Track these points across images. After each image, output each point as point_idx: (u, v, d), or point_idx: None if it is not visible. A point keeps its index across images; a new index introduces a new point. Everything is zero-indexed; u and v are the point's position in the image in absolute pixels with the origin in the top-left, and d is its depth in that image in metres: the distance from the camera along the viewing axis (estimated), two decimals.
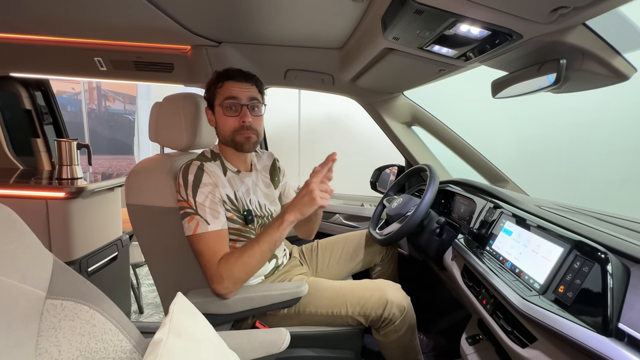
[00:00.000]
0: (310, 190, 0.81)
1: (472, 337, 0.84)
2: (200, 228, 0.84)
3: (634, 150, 1.65)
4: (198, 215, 0.85)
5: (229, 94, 0.92)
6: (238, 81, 0.93)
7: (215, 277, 0.83)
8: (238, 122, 0.93)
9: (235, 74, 0.94)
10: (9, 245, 0.50)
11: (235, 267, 0.83)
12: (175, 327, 0.52)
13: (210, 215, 0.86)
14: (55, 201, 1.28)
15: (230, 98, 0.92)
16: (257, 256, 0.84)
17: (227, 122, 0.93)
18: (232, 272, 0.83)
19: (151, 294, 2.11)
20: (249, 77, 0.96)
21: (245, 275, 0.85)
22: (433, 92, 1.39)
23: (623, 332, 0.44)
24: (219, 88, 0.94)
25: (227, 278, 0.83)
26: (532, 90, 0.77)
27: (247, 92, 0.94)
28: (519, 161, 1.84)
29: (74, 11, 1.03)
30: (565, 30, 0.64)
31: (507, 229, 0.76)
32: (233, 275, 0.83)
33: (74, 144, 1.47)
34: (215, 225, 0.86)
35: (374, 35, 0.85)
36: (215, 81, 0.95)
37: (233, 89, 0.93)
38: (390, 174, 1.56)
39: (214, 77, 0.96)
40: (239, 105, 0.93)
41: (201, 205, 0.86)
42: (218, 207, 0.89)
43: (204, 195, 0.87)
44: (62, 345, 0.51)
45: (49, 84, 1.81)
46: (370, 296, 0.92)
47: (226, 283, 0.83)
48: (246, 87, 0.94)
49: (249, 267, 0.84)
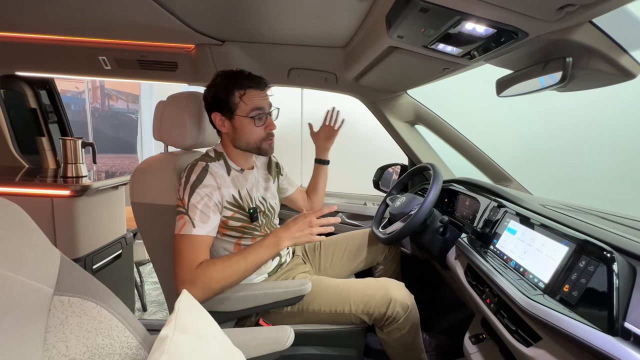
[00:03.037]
0: (311, 227, 0.86)
1: (475, 336, 0.84)
2: (185, 229, 0.83)
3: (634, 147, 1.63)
4: (187, 215, 0.84)
5: (257, 104, 0.93)
6: (259, 89, 0.94)
7: (186, 281, 0.80)
8: (264, 131, 0.96)
9: (254, 81, 0.93)
10: (17, 242, 0.50)
11: (214, 278, 0.80)
12: (181, 323, 0.53)
13: (199, 218, 0.84)
14: (60, 199, 1.29)
15: (259, 109, 0.93)
16: (240, 274, 0.83)
17: (254, 131, 0.95)
18: (208, 282, 0.80)
19: (154, 291, 2.13)
20: (264, 82, 0.96)
21: (220, 289, 0.83)
22: (434, 89, 1.38)
23: (629, 331, 0.44)
24: (242, 97, 0.92)
25: (200, 286, 0.79)
26: (537, 89, 0.77)
27: (267, 100, 0.97)
28: (522, 159, 1.83)
29: (78, 10, 1.04)
30: (572, 28, 0.63)
31: (511, 228, 0.76)
32: (208, 286, 0.80)
33: (78, 142, 1.48)
34: (200, 230, 0.84)
35: (378, 33, 0.85)
36: (231, 88, 0.91)
37: (258, 99, 0.94)
38: (393, 173, 1.55)
39: (224, 81, 0.92)
40: (265, 115, 0.95)
41: (193, 207, 0.85)
42: (210, 212, 0.87)
43: (200, 197, 0.86)
44: (70, 341, 0.51)
45: (54, 82, 1.82)
46: (374, 294, 0.93)
47: (197, 291, 0.78)
48: (265, 95, 0.97)
49: (227, 282, 0.82)
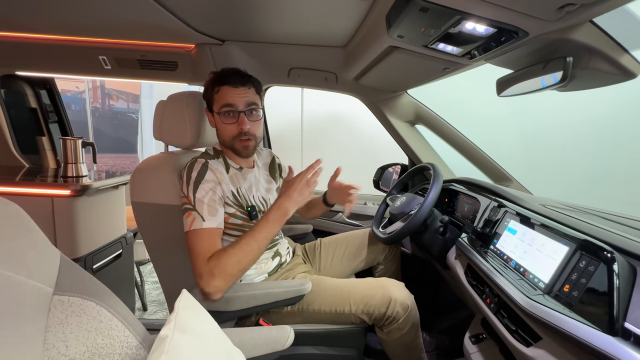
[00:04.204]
0: (309, 185, 0.89)
1: (475, 336, 0.84)
2: (195, 224, 0.84)
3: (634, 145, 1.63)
4: (195, 211, 0.85)
5: (226, 100, 0.90)
6: (234, 86, 0.90)
7: (205, 275, 0.79)
8: (236, 129, 0.92)
9: (231, 77, 0.90)
10: (17, 242, 0.50)
11: (229, 264, 0.80)
12: (181, 323, 0.53)
13: (207, 212, 0.85)
14: (60, 199, 1.29)
15: (227, 105, 0.90)
16: (253, 253, 0.83)
17: (225, 129, 0.92)
18: (225, 268, 0.79)
19: (154, 291, 2.13)
20: (246, 80, 0.92)
21: (239, 272, 0.82)
22: (434, 87, 1.38)
23: (629, 331, 0.44)
24: (215, 93, 0.92)
25: (218, 275, 0.79)
26: (537, 89, 0.77)
27: (244, 98, 0.91)
28: (522, 157, 1.82)
29: (78, 10, 1.04)
30: (572, 28, 0.63)
31: (511, 228, 0.76)
32: (226, 272, 0.79)
33: (79, 142, 1.48)
34: (210, 222, 0.84)
35: (378, 33, 0.85)
36: (212, 84, 0.92)
37: (229, 96, 0.90)
38: (393, 173, 1.55)
39: (210, 79, 0.93)
40: (237, 112, 0.91)
41: (199, 201, 0.85)
42: (217, 205, 0.88)
43: (204, 191, 0.86)
44: (70, 340, 0.51)
45: (54, 82, 1.82)
46: (374, 294, 0.93)
47: (217, 281, 0.79)
48: (242, 92, 0.91)
49: (242, 264, 0.82)
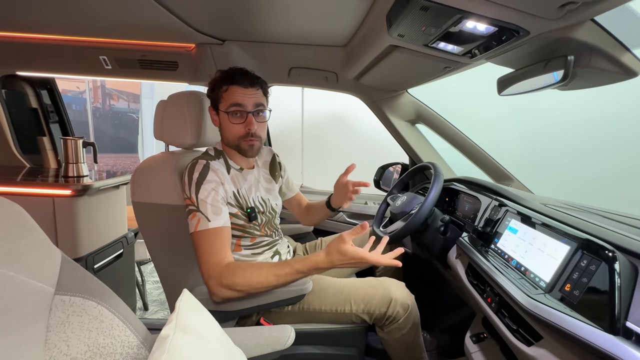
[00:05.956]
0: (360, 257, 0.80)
1: (476, 336, 0.84)
2: (201, 225, 0.84)
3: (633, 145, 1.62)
4: (199, 212, 0.85)
5: (235, 100, 0.90)
6: (243, 86, 0.91)
7: (212, 277, 0.82)
8: (244, 129, 0.92)
9: (240, 77, 0.91)
10: (18, 242, 0.51)
11: (239, 284, 0.81)
12: (182, 323, 0.53)
13: (211, 212, 0.85)
14: (61, 199, 1.29)
15: (236, 105, 0.90)
16: (266, 288, 0.84)
17: (232, 129, 0.93)
18: (234, 285, 0.81)
19: (155, 291, 2.13)
20: (255, 81, 0.93)
21: (243, 295, 0.84)
22: (434, 86, 1.37)
23: (631, 330, 0.43)
24: (223, 92, 0.92)
25: (225, 286, 0.81)
26: (538, 88, 0.76)
27: (252, 98, 0.92)
28: (523, 157, 1.82)
29: (79, 10, 1.04)
30: (573, 26, 0.63)
31: (512, 227, 0.76)
32: (233, 288, 0.82)
33: (79, 142, 1.48)
34: (216, 222, 0.85)
35: (378, 32, 0.85)
36: (220, 82, 0.92)
37: (238, 96, 0.90)
38: (394, 172, 1.55)
39: (218, 77, 0.93)
40: (245, 113, 0.92)
41: (203, 202, 0.86)
42: (220, 204, 0.88)
43: (207, 191, 0.87)
44: (71, 340, 0.51)
45: (55, 82, 1.82)
46: (374, 294, 0.93)
47: (221, 289, 0.82)
48: (251, 93, 0.92)
49: (251, 291, 0.83)
